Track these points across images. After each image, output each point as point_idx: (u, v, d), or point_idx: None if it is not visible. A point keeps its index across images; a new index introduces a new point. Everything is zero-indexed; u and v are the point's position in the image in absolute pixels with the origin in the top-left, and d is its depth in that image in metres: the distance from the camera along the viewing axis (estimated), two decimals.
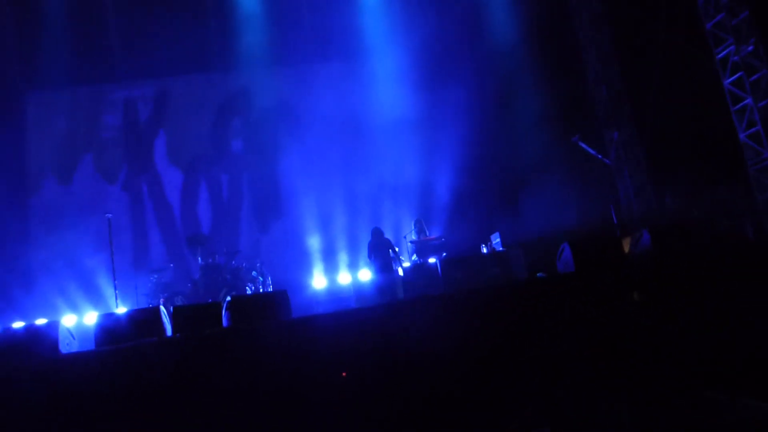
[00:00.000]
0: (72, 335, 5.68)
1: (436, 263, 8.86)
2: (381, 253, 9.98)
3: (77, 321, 10.31)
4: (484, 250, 10.00)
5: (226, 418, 4.50)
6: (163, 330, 5.43)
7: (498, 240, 9.93)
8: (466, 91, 11.52)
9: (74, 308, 10.94)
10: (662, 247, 6.02)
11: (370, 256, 9.90)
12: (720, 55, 9.79)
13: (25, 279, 11.23)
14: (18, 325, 6.87)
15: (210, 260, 10.56)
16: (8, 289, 10.65)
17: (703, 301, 5.34)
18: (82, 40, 11.73)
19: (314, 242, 12.03)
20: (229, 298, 5.70)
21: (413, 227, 10.70)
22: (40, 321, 7.43)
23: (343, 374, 5.04)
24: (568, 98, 11.70)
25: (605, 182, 11.10)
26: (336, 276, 11.62)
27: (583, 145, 8.97)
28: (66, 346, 5.33)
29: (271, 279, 10.89)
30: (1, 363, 4.74)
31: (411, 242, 10.59)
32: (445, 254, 10.07)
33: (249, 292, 10.20)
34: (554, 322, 5.23)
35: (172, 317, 5.55)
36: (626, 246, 6.84)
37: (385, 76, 12.08)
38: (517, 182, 11.75)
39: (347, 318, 5.54)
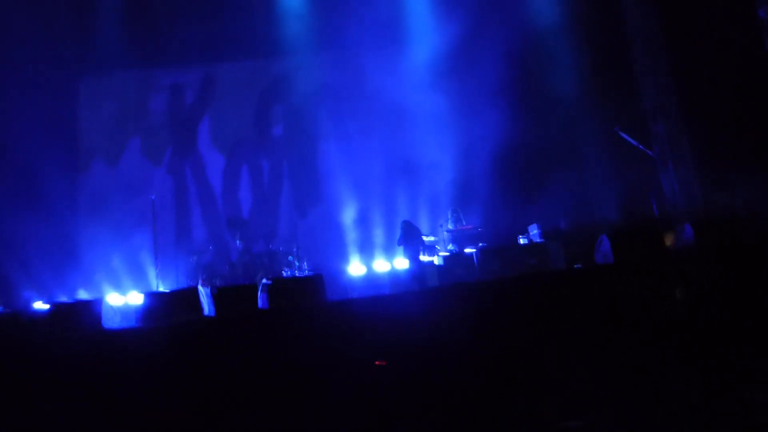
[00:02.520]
0: (115, 312, 5.90)
1: (472, 253, 8.83)
2: (413, 243, 10.07)
3: (120, 299, 10.66)
4: (522, 241, 9.91)
5: (261, 395, 4.60)
6: (201, 309, 5.58)
7: (536, 231, 9.82)
8: (507, 79, 11.36)
9: (118, 286, 11.30)
10: (706, 242, 5.87)
11: (400, 243, 10.11)
12: None
13: (73, 256, 11.65)
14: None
15: (248, 243, 10.78)
16: (58, 266, 11.04)
17: (749, 299, 5.18)
18: (133, 27, 12.07)
19: (351, 229, 12.10)
20: (265, 281, 5.81)
21: (450, 216, 10.68)
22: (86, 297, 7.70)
23: (377, 363, 5.07)
24: (613, 89, 11.42)
25: (647, 175, 10.83)
26: (372, 263, 11.67)
27: (625, 136, 8.78)
28: (109, 322, 5.53)
29: (308, 264, 11.03)
30: (48, 334, 4.97)
31: (447, 231, 10.58)
32: (481, 244, 10.03)
33: (285, 275, 10.36)
34: (591, 313, 5.16)
35: (214, 297, 5.70)
36: (668, 240, 6.69)
37: (425, 63, 12.01)
38: (557, 173, 11.55)
39: (381, 303, 5.58)
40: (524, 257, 7.93)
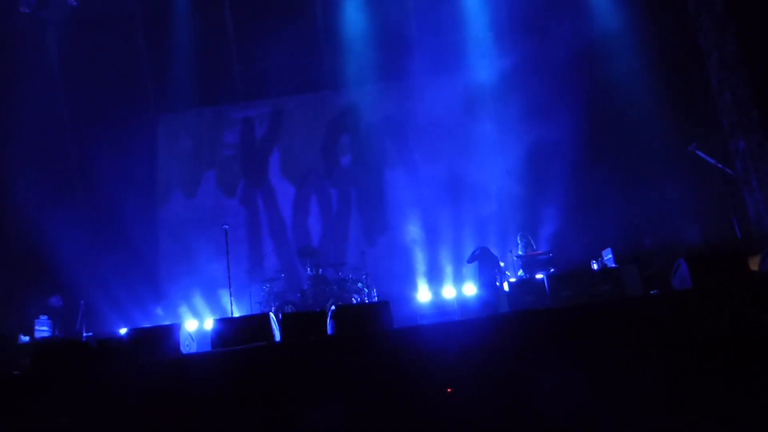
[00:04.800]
0: (191, 337, 6.12)
1: (543, 279, 8.62)
2: (488, 269, 9.96)
3: (198, 326, 11.10)
4: (595, 267, 9.60)
5: (327, 421, 4.65)
6: (272, 335, 5.71)
7: (610, 256, 9.49)
8: (574, 99, 11.13)
9: (195, 313, 11.77)
10: None
11: (469, 262, 10.25)
12: None
13: (154, 284, 12.24)
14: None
15: (318, 271, 10.99)
16: (140, 296, 11.63)
17: None
18: (206, 66, 12.77)
19: (419, 256, 12.12)
20: (333, 307, 5.89)
21: (519, 241, 10.51)
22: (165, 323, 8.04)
23: (448, 390, 5.01)
24: (688, 104, 11.01)
25: (728, 194, 10.29)
26: (440, 290, 11.62)
27: (701, 154, 8.39)
28: (186, 347, 5.75)
29: (377, 291, 11.10)
30: (128, 358, 5.24)
31: (517, 257, 10.40)
32: (552, 270, 9.79)
33: (354, 302, 10.47)
34: (668, 342, 4.92)
35: (281, 324, 5.83)
36: (753, 263, 6.31)
37: (487, 86, 12.01)
38: (631, 195, 11.16)
39: (450, 330, 5.52)
40: (597, 283, 7.59)
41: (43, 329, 10.10)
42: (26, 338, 9.60)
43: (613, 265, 9.13)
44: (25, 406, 4.89)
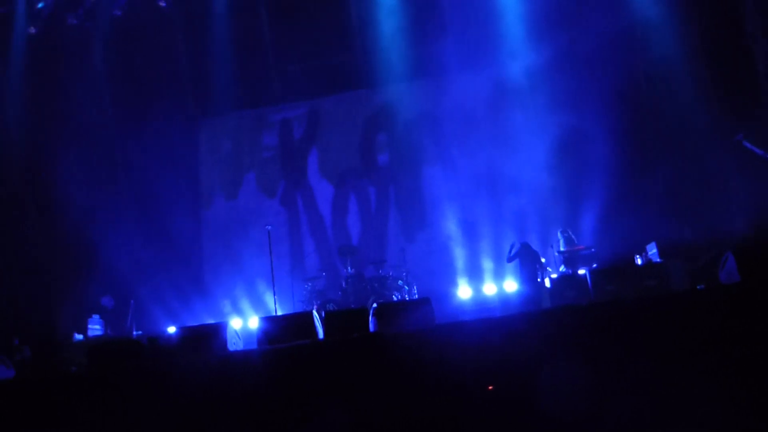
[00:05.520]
0: (238, 335, 6.30)
1: (585, 274, 8.54)
2: (529, 265, 9.90)
3: (242, 324, 11.35)
4: (639, 261, 9.44)
5: (370, 418, 4.73)
6: (316, 333, 5.83)
7: (655, 250, 9.31)
8: (614, 90, 10.91)
9: (239, 312, 12.05)
10: None
11: (509, 261, 10.20)
12: None
13: (199, 286, 12.57)
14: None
15: (358, 269, 11.10)
16: (186, 295, 11.96)
17: None
18: (244, 70, 12.96)
19: (459, 252, 12.09)
20: (375, 305, 5.97)
21: (560, 237, 10.39)
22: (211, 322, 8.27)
23: (489, 387, 5.03)
24: (735, 93, 10.68)
25: None
26: (481, 286, 11.58)
27: (748, 145, 8.16)
28: (233, 345, 5.92)
29: (417, 288, 11.14)
30: (178, 356, 5.44)
31: (559, 252, 10.30)
32: (595, 265, 9.67)
33: (395, 299, 10.54)
34: (715, 339, 4.83)
35: (324, 322, 5.95)
36: None
37: (525, 81, 11.87)
38: (676, 187, 10.91)
39: (492, 326, 5.54)
40: (641, 278, 7.47)
41: (95, 328, 10.49)
42: (80, 336, 10.01)
43: (658, 260, 8.97)
44: (83, 402, 5.12)
